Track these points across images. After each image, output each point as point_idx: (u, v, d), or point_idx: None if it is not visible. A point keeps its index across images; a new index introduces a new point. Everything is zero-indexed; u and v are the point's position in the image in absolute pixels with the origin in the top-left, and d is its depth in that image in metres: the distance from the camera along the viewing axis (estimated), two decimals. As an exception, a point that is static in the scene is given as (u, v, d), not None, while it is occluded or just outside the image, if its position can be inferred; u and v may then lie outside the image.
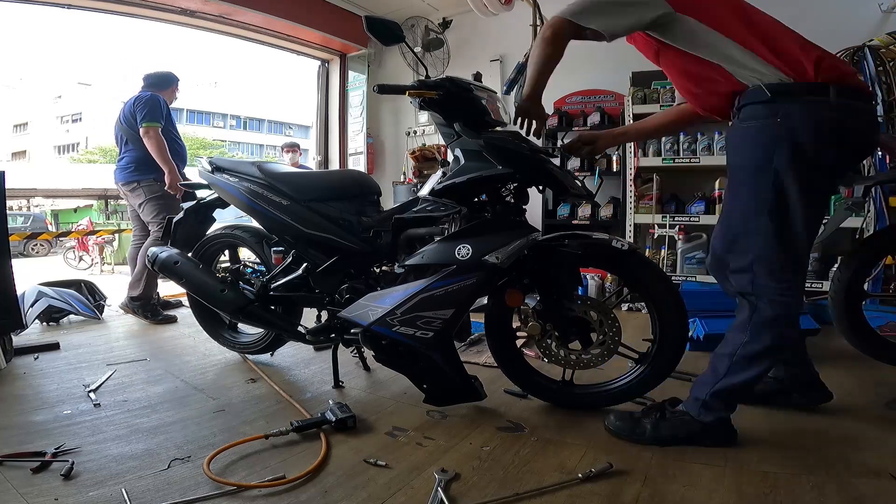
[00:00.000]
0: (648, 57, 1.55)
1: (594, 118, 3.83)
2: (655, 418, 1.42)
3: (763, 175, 1.31)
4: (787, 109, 1.28)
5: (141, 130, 2.98)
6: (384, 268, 1.79)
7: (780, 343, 1.36)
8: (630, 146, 3.53)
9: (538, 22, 3.84)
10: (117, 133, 3.17)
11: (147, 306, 3.05)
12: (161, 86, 3.22)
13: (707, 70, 1.38)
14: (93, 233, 7.13)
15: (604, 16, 1.40)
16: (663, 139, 3.42)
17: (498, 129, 1.61)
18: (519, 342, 1.71)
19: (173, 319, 3.06)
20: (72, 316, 2.95)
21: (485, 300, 1.71)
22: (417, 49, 4.16)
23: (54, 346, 2.39)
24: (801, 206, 1.29)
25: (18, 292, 2.42)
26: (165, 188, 3.00)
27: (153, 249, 2.14)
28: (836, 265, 2.06)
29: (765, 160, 1.30)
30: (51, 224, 15.04)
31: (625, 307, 3.30)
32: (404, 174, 4.89)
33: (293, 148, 5.14)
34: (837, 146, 1.29)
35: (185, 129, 26.55)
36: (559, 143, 3.78)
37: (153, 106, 3.03)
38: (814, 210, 1.34)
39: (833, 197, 3.06)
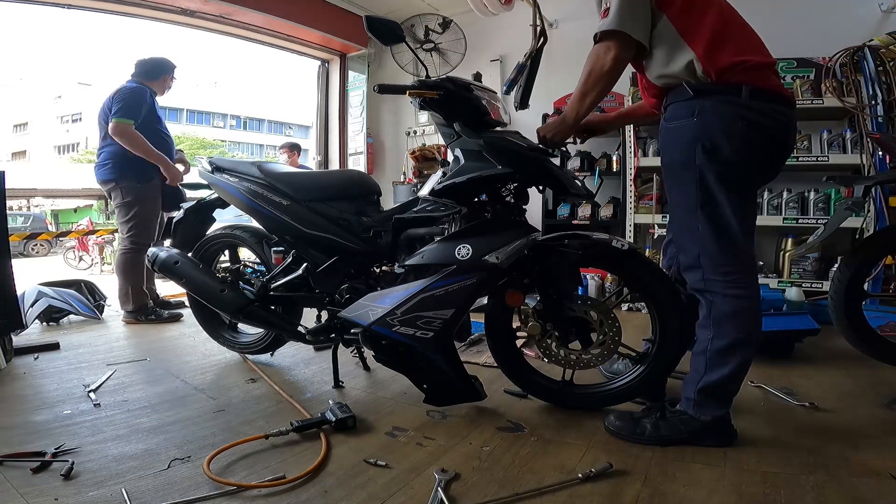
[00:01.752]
0: None
1: (594, 118, 3.82)
2: (655, 418, 1.42)
3: (689, 172, 1.36)
4: (703, 107, 1.32)
5: (110, 126, 2.62)
6: (384, 268, 1.79)
7: (746, 337, 1.35)
8: (630, 146, 3.53)
9: (538, 22, 3.83)
10: (100, 126, 2.90)
11: (146, 311, 3.01)
12: (150, 75, 2.87)
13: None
14: (92, 233, 7.13)
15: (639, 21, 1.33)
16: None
17: (498, 129, 1.61)
18: (519, 342, 1.71)
19: (179, 317, 3.05)
20: (72, 316, 2.95)
21: (485, 300, 1.71)
22: (429, 46, 4.15)
23: (54, 346, 2.39)
24: (726, 200, 1.33)
25: (18, 292, 2.41)
26: (167, 183, 2.79)
27: (153, 249, 2.14)
28: (836, 265, 2.06)
29: (689, 158, 1.35)
30: (50, 224, 15.04)
31: (625, 307, 3.30)
32: (404, 174, 4.89)
33: (289, 149, 5.00)
34: (751, 144, 1.32)
35: (185, 129, 26.65)
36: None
37: (132, 100, 2.69)
38: (740, 203, 1.35)
39: (834, 197, 3.09)
